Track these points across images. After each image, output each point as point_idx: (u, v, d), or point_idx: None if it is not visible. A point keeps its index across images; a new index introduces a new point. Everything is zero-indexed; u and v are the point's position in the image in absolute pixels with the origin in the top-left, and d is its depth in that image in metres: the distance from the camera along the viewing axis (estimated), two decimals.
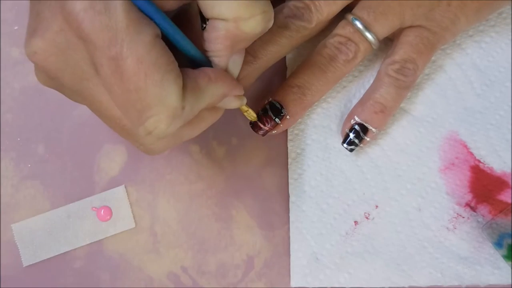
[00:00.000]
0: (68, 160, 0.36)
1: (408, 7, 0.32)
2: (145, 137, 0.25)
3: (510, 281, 0.35)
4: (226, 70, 0.27)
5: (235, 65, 0.28)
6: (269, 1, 0.25)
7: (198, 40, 0.26)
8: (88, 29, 0.22)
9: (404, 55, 0.32)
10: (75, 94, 0.26)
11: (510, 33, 0.36)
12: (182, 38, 0.26)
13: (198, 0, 0.24)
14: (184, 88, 0.24)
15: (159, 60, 0.23)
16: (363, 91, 0.36)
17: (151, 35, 0.23)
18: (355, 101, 0.36)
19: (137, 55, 0.23)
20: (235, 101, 0.29)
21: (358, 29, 0.32)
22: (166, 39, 0.25)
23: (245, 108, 0.31)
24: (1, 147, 0.36)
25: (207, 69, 0.26)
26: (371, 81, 0.36)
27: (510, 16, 0.36)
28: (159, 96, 0.23)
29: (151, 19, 0.24)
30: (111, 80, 0.24)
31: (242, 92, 0.28)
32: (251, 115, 0.31)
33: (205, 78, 0.26)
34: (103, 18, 0.22)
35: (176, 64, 0.24)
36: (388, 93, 0.33)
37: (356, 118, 0.33)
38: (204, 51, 0.27)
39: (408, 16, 0.32)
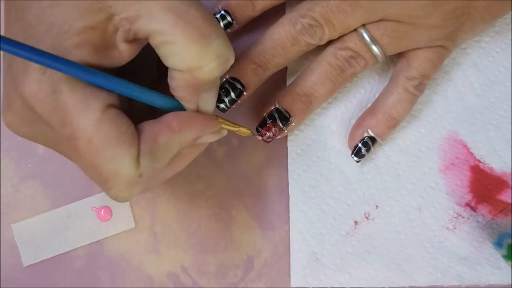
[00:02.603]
0: (68, 160, 0.36)
1: (425, 36, 0.32)
2: (115, 200, 0.26)
3: (510, 281, 0.35)
4: (198, 109, 0.27)
5: (206, 103, 0.27)
6: (226, 39, 0.25)
7: None
8: (41, 111, 0.23)
9: (422, 71, 0.33)
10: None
11: (510, 33, 0.36)
12: (142, 93, 0.25)
13: (155, 49, 0.24)
14: (140, 154, 0.24)
15: (108, 136, 0.23)
16: (363, 91, 0.36)
17: (100, 110, 0.23)
18: (355, 101, 0.36)
19: (86, 135, 0.23)
20: (213, 137, 0.28)
21: (369, 48, 0.32)
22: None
23: (235, 128, 0.30)
24: (1, 147, 0.36)
25: (171, 119, 0.26)
26: (371, 81, 0.36)
27: (510, 16, 0.36)
28: (113, 170, 0.24)
29: (102, 87, 0.24)
30: (72, 155, 0.25)
31: (217, 128, 0.28)
32: (244, 132, 0.31)
33: (166, 132, 0.25)
34: (51, 100, 0.23)
35: (130, 130, 0.24)
36: (404, 109, 0.33)
37: (370, 132, 0.33)
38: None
39: (424, 41, 0.32)
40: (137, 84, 0.25)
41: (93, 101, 0.23)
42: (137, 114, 0.26)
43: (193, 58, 0.24)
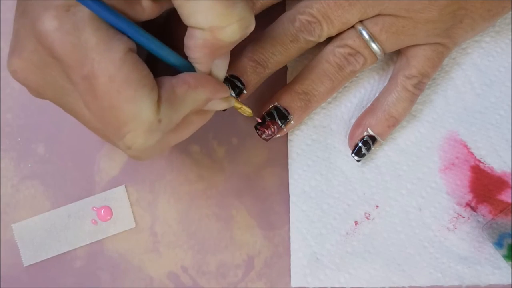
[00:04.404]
0: (68, 160, 0.36)
1: (423, 30, 0.32)
2: (127, 150, 0.25)
3: (510, 281, 0.35)
4: (210, 74, 0.27)
5: (218, 69, 0.28)
6: (249, 5, 0.25)
7: None
8: (59, 50, 0.23)
9: (421, 70, 0.33)
10: (60, 107, 0.27)
11: (510, 33, 0.36)
12: (160, 48, 0.26)
13: (176, 8, 0.24)
14: (160, 100, 0.24)
15: (130, 76, 0.23)
16: (363, 91, 0.36)
17: (122, 50, 0.23)
18: (355, 101, 0.36)
19: (108, 73, 0.23)
20: (222, 103, 0.29)
21: (368, 45, 0.32)
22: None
23: (238, 105, 0.31)
24: (1, 147, 0.36)
25: (187, 76, 0.26)
26: (371, 81, 0.36)
27: (510, 16, 0.36)
28: (133, 112, 0.24)
29: (123, 33, 0.24)
30: (86, 98, 0.24)
31: (227, 94, 0.28)
32: (246, 111, 0.31)
33: (183, 86, 0.26)
34: (72, 38, 0.23)
35: (150, 76, 0.24)
36: (404, 108, 0.33)
37: (370, 131, 0.33)
38: (186, 57, 0.27)
39: (422, 37, 0.32)
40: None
41: (116, 42, 0.23)
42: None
43: (217, 17, 0.24)
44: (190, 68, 0.27)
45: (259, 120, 0.33)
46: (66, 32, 0.22)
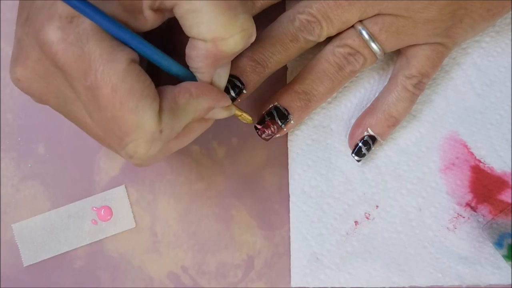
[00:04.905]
0: (68, 160, 0.36)
1: (422, 30, 0.31)
2: (129, 159, 0.26)
3: (510, 281, 0.35)
4: (211, 83, 0.28)
5: (220, 78, 0.28)
6: (250, 15, 0.25)
7: None
8: (63, 60, 0.23)
9: (421, 69, 0.33)
10: (63, 115, 0.27)
11: (510, 33, 0.36)
12: (162, 58, 0.26)
13: (178, 20, 0.25)
14: (162, 110, 0.25)
15: (133, 87, 0.23)
16: (363, 91, 0.36)
17: (125, 61, 0.23)
18: (355, 101, 0.36)
19: (111, 84, 0.23)
20: (223, 112, 0.29)
21: (367, 44, 0.32)
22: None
23: (238, 112, 0.31)
24: (1, 147, 0.36)
25: (189, 85, 0.26)
26: (371, 81, 0.36)
27: (510, 16, 0.36)
28: (135, 122, 0.24)
29: (126, 44, 0.24)
30: (89, 108, 0.24)
31: (228, 103, 0.29)
32: (246, 118, 0.31)
33: (185, 95, 0.26)
34: (76, 49, 0.23)
35: (152, 86, 0.25)
36: (404, 108, 0.33)
37: (370, 131, 0.33)
38: (187, 66, 0.27)
39: (422, 36, 0.32)
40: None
41: (120, 53, 0.23)
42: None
43: (220, 28, 0.24)
44: (192, 78, 0.27)
45: (259, 127, 0.33)
46: (70, 43, 0.23)
